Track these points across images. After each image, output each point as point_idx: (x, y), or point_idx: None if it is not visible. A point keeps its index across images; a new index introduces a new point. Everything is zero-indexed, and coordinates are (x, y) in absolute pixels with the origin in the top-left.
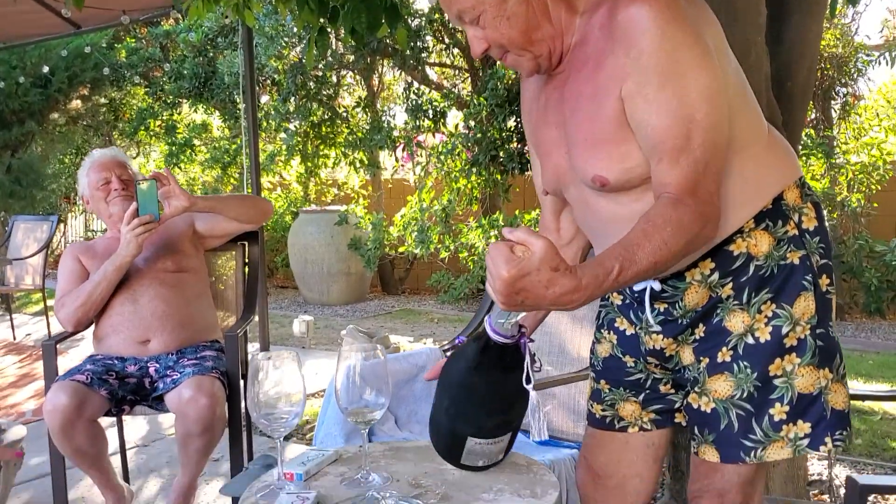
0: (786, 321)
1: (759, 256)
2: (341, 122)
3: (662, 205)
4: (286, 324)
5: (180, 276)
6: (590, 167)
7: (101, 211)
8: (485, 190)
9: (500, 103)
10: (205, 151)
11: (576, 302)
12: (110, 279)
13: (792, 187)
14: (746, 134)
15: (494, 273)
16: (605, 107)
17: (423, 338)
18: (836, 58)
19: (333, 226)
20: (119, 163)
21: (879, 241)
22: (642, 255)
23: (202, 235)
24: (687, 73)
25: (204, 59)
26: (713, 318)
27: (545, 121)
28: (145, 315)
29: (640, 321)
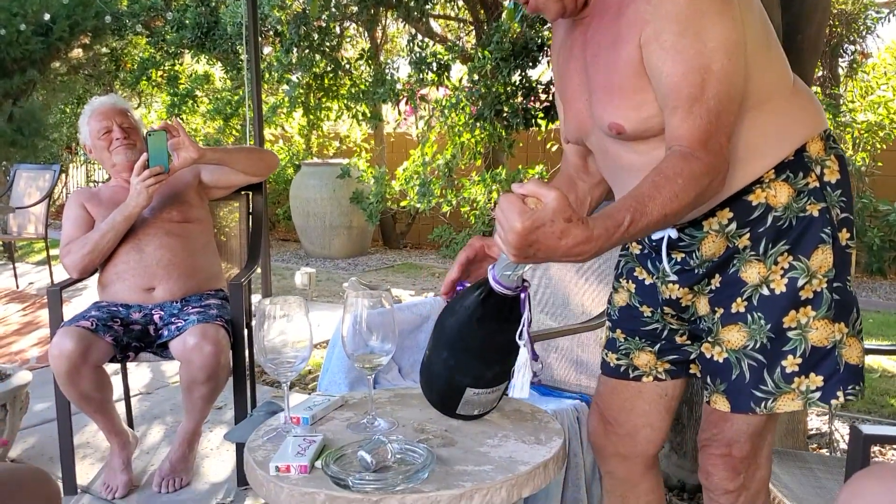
0: (802, 273)
1: (778, 207)
2: (344, 75)
3: (674, 156)
4: (288, 276)
5: (186, 226)
6: (607, 114)
7: (105, 160)
8: (488, 145)
9: (504, 57)
10: (207, 102)
11: (587, 253)
12: (118, 229)
13: (816, 139)
14: (770, 85)
15: (506, 226)
16: (624, 54)
17: (425, 292)
18: (844, 14)
19: (335, 179)
20: (120, 110)
21: (883, 200)
22: (653, 206)
23: (207, 186)
24: (706, 23)
25: (206, 9)
26: (729, 269)
27: (569, 67)
28: (150, 263)
29: (658, 270)
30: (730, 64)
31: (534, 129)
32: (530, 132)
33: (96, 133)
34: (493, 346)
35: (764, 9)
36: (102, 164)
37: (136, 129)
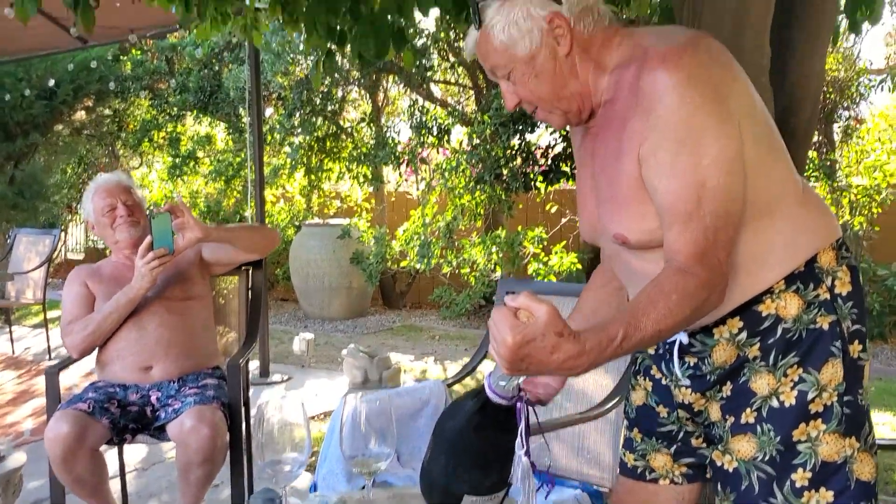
0: (812, 386)
1: (788, 319)
2: (346, 137)
3: (670, 271)
4: (286, 340)
5: (187, 303)
6: (611, 224)
7: (107, 237)
8: (488, 206)
9: (504, 122)
10: (208, 164)
11: (580, 367)
12: (121, 312)
13: (827, 249)
14: (775, 194)
15: (499, 339)
16: (626, 166)
17: (425, 356)
18: (838, 81)
19: (336, 239)
20: (124, 188)
21: (881, 265)
22: (647, 322)
23: (209, 263)
24: (701, 141)
25: (209, 73)
26: (739, 378)
27: (582, 172)
28: (149, 342)
29: (671, 374)
30: (726, 180)
31: (533, 191)
32: (530, 194)
33: (100, 210)
34: (490, 454)
35: (767, 111)
36: (105, 241)
37: (140, 206)
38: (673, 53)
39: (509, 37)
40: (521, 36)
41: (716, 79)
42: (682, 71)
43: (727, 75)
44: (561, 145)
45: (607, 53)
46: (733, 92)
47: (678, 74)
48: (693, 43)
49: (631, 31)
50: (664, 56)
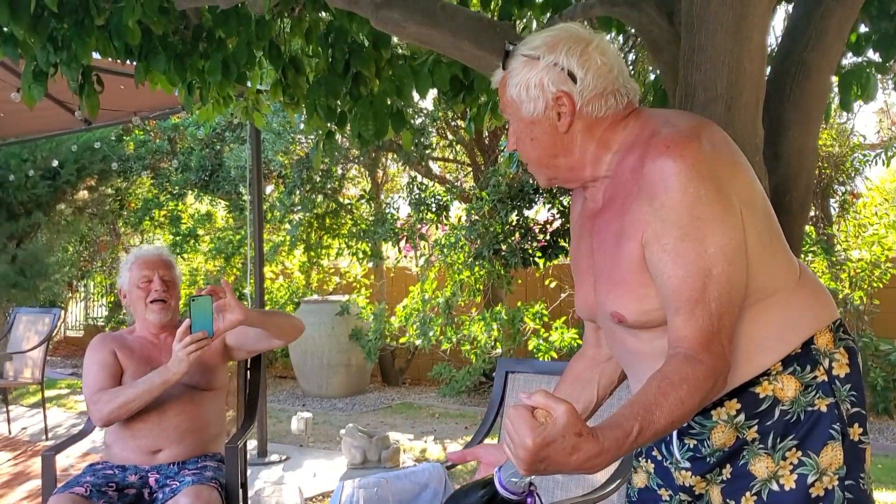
0: (811, 470)
1: (785, 401)
2: (345, 214)
3: (677, 360)
4: (284, 419)
5: (208, 393)
6: (609, 303)
7: (138, 311)
8: (487, 282)
9: (502, 199)
10: (208, 241)
11: (599, 466)
12: (153, 393)
13: (824, 331)
14: (774, 280)
15: (517, 441)
16: (626, 249)
17: (425, 435)
18: (833, 156)
19: (335, 316)
20: (164, 262)
21: (883, 339)
22: (660, 414)
23: (231, 348)
24: (706, 230)
25: (211, 152)
26: (739, 461)
27: (580, 247)
28: (167, 427)
29: (671, 456)
30: (730, 268)
31: (532, 267)
32: (528, 270)
33: (136, 281)
34: None
35: (766, 198)
36: (134, 313)
37: (176, 284)
38: (677, 142)
39: (518, 95)
40: (528, 100)
41: (719, 170)
42: (685, 161)
43: (729, 167)
44: (559, 221)
45: (613, 134)
46: (735, 183)
47: (682, 164)
48: (697, 133)
49: (640, 111)
50: (668, 143)
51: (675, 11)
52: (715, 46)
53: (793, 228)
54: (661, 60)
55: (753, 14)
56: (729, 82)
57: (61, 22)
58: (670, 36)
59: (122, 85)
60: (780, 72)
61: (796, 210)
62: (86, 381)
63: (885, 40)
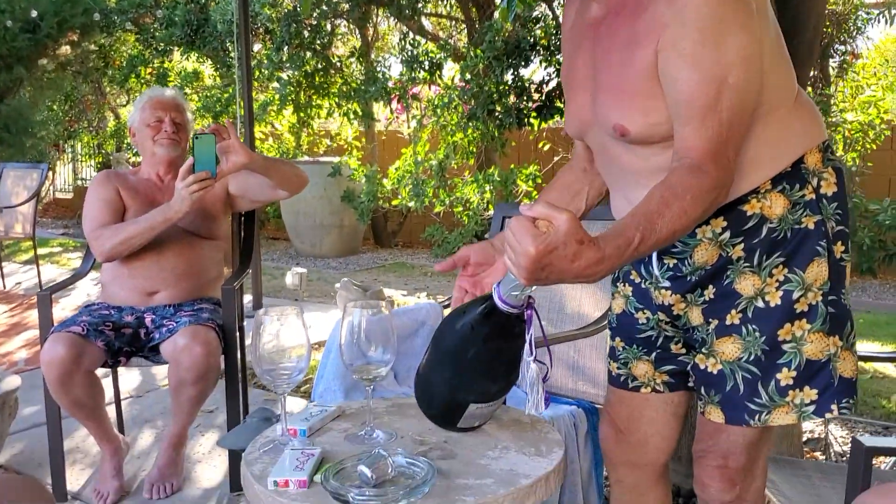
0: (797, 286)
1: (773, 219)
2: (335, 73)
3: (682, 170)
4: (278, 276)
5: (209, 242)
6: (613, 114)
7: (146, 148)
8: (481, 144)
9: (497, 56)
10: (196, 100)
11: (599, 273)
12: (155, 230)
13: (814, 151)
14: (776, 96)
15: (519, 250)
16: (638, 56)
17: (417, 291)
18: (835, 15)
19: (326, 177)
20: (177, 105)
21: (873, 200)
22: (662, 224)
23: (234, 197)
24: (727, 33)
25: (196, 6)
26: (723, 280)
27: (576, 57)
28: (164, 268)
29: (650, 276)
30: (746, 77)
31: (526, 128)
32: (523, 131)
33: (147, 120)
34: (498, 362)
35: (776, 20)
36: (141, 152)
37: (186, 128)
38: None
39: None
40: None
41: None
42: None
43: None
44: (555, 80)
45: None
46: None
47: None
48: None
49: None
50: None
51: None
52: None
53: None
54: None
55: None
56: None
57: None
58: None
59: None
60: None
61: (804, 53)
62: (88, 215)
63: None
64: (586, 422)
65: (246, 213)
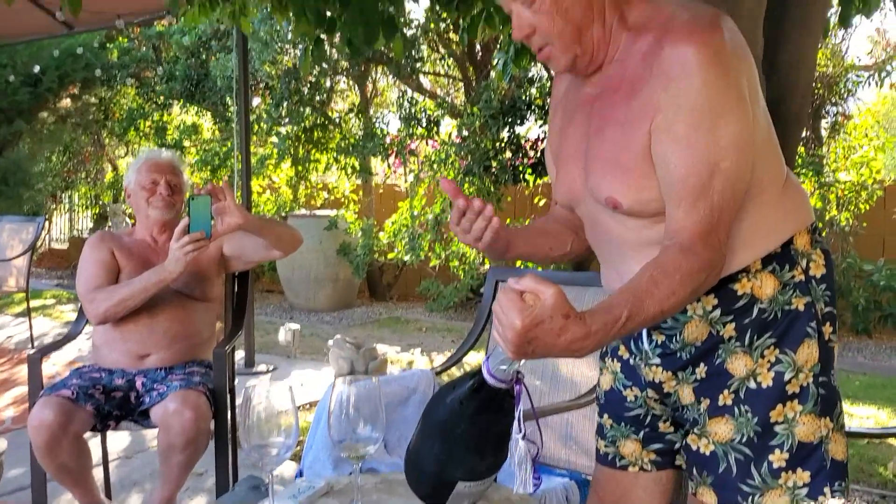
0: (788, 367)
1: (764, 299)
2: (334, 128)
3: (673, 250)
4: (272, 331)
5: (202, 304)
6: (605, 187)
7: (140, 209)
8: None
9: (493, 114)
10: (194, 153)
11: (585, 349)
12: (149, 291)
13: (803, 232)
14: (766, 179)
15: (506, 323)
16: (633, 136)
17: (412, 347)
18: (826, 77)
19: (322, 231)
20: (172, 167)
21: (867, 260)
22: (650, 302)
23: (228, 258)
24: (720, 120)
25: (197, 61)
26: (714, 359)
27: (569, 129)
28: (157, 331)
29: (640, 352)
30: (738, 163)
31: (522, 183)
32: (518, 187)
33: (143, 182)
34: (487, 438)
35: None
36: (137, 213)
37: (182, 190)
38: (700, 29)
39: None
40: None
41: (736, 61)
42: (708, 49)
43: (743, 59)
44: None
45: (630, 7)
46: (749, 76)
47: (705, 52)
48: (717, 22)
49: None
50: (691, 30)
51: None
52: None
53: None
54: None
55: None
56: None
57: None
58: None
59: None
60: None
61: (791, 122)
62: (82, 278)
63: None
64: (578, 494)
65: (240, 273)
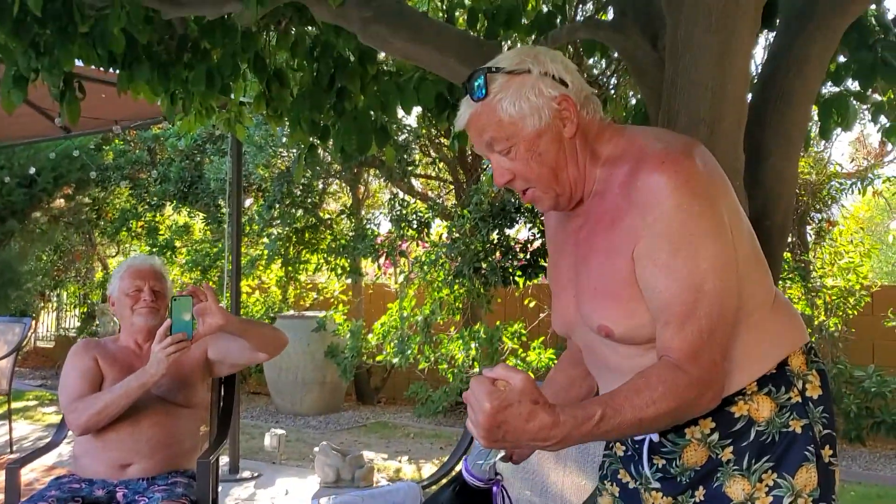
0: (787, 492)
1: (761, 422)
2: (325, 229)
3: (661, 365)
4: (257, 435)
5: (186, 410)
6: (596, 316)
7: (124, 317)
8: (467, 300)
9: (483, 217)
10: (185, 253)
11: (554, 438)
12: (131, 396)
13: (798, 353)
14: (755, 300)
15: (476, 406)
16: (617, 264)
17: (399, 454)
18: (810, 184)
19: (311, 332)
20: (156, 273)
21: (857, 366)
22: (628, 407)
23: (213, 363)
24: (698, 244)
25: (191, 164)
26: (713, 483)
27: (560, 260)
28: (139, 440)
29: (640, 476)
30: (722, 284)
31: (512, 285)
32: (508, 289)
33: (126, 289)
34: None
35: (746, 218)
36: (120, 321)
37: (166, 296)
38: (672, 158)
39: (519, 110)
40: (531, 112)
41: (711, 187)
42: (680, 177)
43: (720, 186)
44: (540, 240)
45: (601, 144)
46: (726, 200)
47: (677, 179)
48: (690, 150)
49: (620, 127)
50: (663, 159)
51: (660, 36)
52: (699, 71)
53: (772, 254)
54: (645, 84)
55: (737, 40)
56: (712, 107)
57: (44, 27)
58: (654, 60)
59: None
60: (762, 98)
61: (776, 235)
62: (64, 387)
63: (863, 70)
64: None
65: (226, 378)
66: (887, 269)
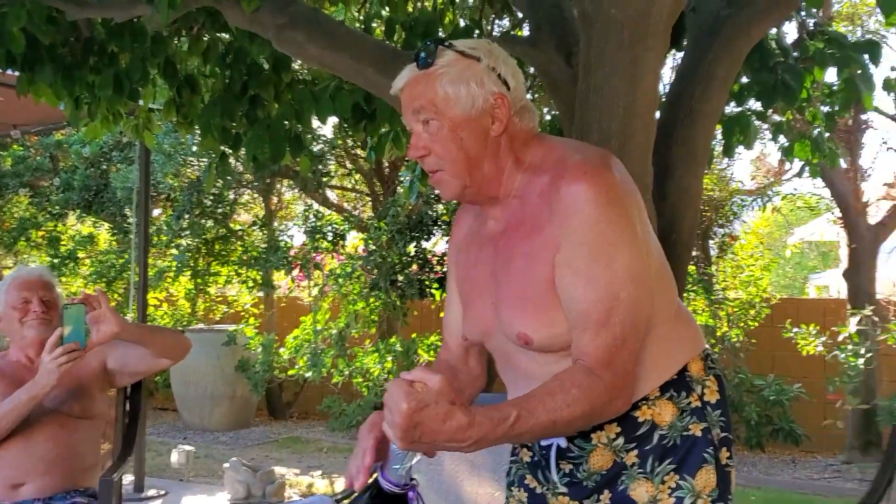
0: (688, 493)
1: (663, 426)
2: (236, 241)
3: (576, 369)
4: (164, 452)
5: (83, 422)
6: (516, 323)
7: (14, 332)
8: (383, 313)
9: (400, 229)
10: (89, 264)
11: (470, 440)
12: (21, 410)
13: (696, 359)
14: (662, 310)
15: (394, 408)
16: (538, 271)
17: (312, 470)
18: (713, 200)
19: (220, 346)
20: (44, 282)
21: (758, 375)
22: (542, 409)
23: (112, 373)
24: (616, 253)
25: (96, 172)
26: (618, 486)
27: (475, 266)
28: (33, 457)
29: (548, 482)
30: (636, 292)
31: (428, 298)
32: (425, 301)
33: (13, 302)
34: None
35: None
36: (10, 336)
37: (57, 305)
38: (592, 168)
39: (455, 92)
40: (466, 97)
41: (627, 197)
42: (600, 187)
43: (633, 197)
44: None
45: (525, 151)
46: (639, 210)
47: (598, 189)
48: (608, 162)
49: (542, 136)
50: (585, 170)
51: (574, 52)
52: (611, 87)
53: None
54: (559, 99)
55: (648, 58)
56: (623, 123)
57: None
58: (568, 76)
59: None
60: (669, 116)
61: (681, 249)
62: None
63: (765, 91)
64: None
65: (133, 388)
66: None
